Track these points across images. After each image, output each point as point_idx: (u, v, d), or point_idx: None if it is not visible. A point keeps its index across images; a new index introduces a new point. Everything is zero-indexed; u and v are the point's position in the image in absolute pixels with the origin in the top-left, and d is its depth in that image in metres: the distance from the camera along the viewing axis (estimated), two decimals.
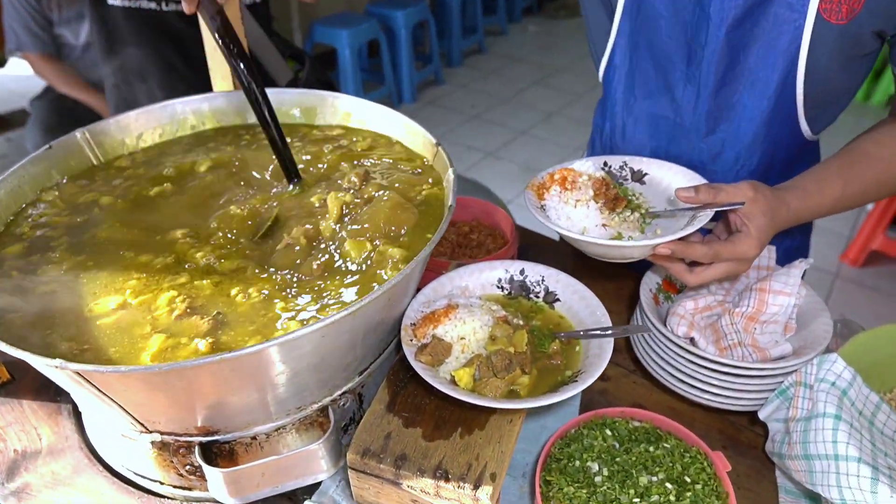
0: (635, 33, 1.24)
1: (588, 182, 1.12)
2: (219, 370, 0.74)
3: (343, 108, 1.29)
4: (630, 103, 1.33)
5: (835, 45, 1.06)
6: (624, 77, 1.32)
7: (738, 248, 1.00)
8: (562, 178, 1.13)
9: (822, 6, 1.03)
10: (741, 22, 1.10)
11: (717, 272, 1.03)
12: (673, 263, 1.06)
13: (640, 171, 1.20)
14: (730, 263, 1.02)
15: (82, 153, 1.18)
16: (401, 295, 0.94)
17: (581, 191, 1.11)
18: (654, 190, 1.17)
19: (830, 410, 0.88)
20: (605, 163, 1.21)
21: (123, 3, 1.72)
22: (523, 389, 0.89)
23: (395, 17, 5.15)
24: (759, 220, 1.00)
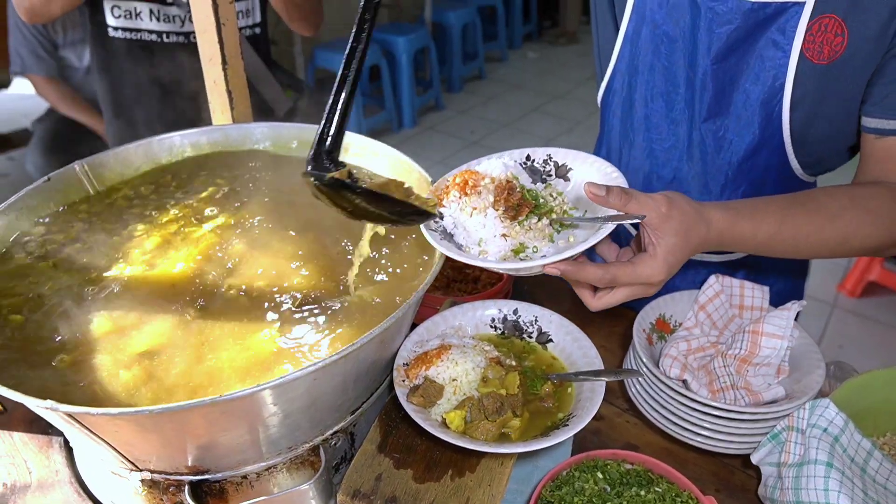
0: (636, 57, 1.26)
1: (489, 186, 0.97)
2: (209, 413, 0.74)
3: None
4: (627, 127, 1.35)
5: (819, 84, 1.08)
6: (622, 101, 1.34)
7: (640, 271, 0.89)
8: (462, 181, 0.98)
9: (805, 46, 1.05)
10: (726, 56, 1.12)
11: (618, 297, 0.92)
12: (577, 284, 0.96)
13: (564, 165, 1.05)
14: (632, 287, 0.92)
15: (80, 185, 1.19)
16: (393, 336, 0.94)
17: (481, 196, 0.96)
18: (578, 189, 1.01)
19: (822, 458, 0.87)
20: (528, 156, 1.07)
21: (125, 35, 1.74)
22: (514, 432, 0.89)
23: (397, 42, 5.21)
24: (668, 241, 0.89)
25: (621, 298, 0.93)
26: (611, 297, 0.93)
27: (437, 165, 4.97)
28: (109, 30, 1.75)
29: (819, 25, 1.03)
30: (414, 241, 1.08)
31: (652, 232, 0.90)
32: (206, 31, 1.26)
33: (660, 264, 0.89)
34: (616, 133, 1.39)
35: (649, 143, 1.32)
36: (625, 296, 0.93)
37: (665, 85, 1.24)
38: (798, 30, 1.05)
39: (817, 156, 1.18)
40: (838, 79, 1.06)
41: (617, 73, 1.33)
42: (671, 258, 0.90)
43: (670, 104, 1.25)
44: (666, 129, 1.28)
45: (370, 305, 0.96)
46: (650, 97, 1.27)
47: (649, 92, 1.27)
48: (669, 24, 1.18)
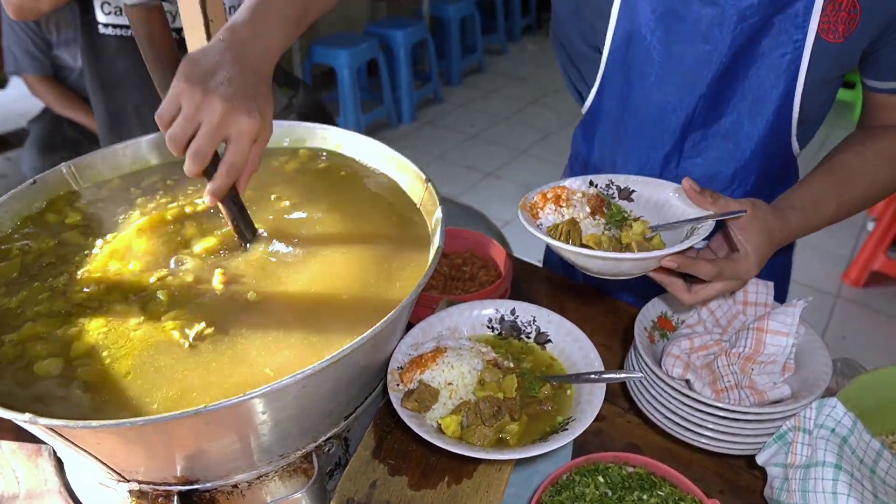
0: (625, 66, 1.21)
1: (583, 199, 1.09)
2: (195, 423, 0.72)
3: (333, 139, 1.28)
4: (620, 135, 1.30)
5: (831, 63, 1.09)
6: (613, 108, 1.29)
7: (739, 267, 0.99)
8: (555, 196, 1.10)
9: (822, 27, 1.05)
10: (743, 48, 1.11)
11: (715, 291, 1.01)
12: (672, 280, 1.03)
13: (626, 188, 1.16)
14: (728, 282, 1.00)
15: (67, 187, 1.16)
16: (386, 339, 0.91)
17: (576, 208, 1.07)
18: (643, 207, 1.13)
19: (830, 459, 0.85)
20: (591, 181, 1.15)
21: (116, 32, 1.71)
22: (512, 437, 0.87)
23: (395, 36, 5.17)
24: (756, 240, 0.99)
25: (716, 292, 1.01)
26: (707, 290, 1.01)
27: (437, 160, 4.94)
28: (99, 27, 1.72)
29: (834, 5, 1.04)
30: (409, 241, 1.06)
31: (741, 232, 0.99)
32: (194, 27, 1.23)
33: (753, 261, 0.99)
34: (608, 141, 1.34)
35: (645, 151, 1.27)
36: (720, 290, 1.01)
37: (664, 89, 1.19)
38: (814, 11, 1.05)
39: (806, 124, 1.20)
40: (849, 53, 1.08)
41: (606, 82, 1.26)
42: (760, 254, 1.00)
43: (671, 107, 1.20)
44: (662, 135, 1.24)
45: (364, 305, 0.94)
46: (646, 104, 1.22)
47: (644, 99, 1.22)
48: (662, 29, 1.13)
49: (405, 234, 1.06)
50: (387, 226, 1.08)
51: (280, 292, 0.95)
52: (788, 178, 1.31)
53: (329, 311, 0.91)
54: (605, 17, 1.17)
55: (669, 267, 0.96)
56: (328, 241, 1.04)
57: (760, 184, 1.25)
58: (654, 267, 0.99)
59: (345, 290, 0.94)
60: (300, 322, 0.89)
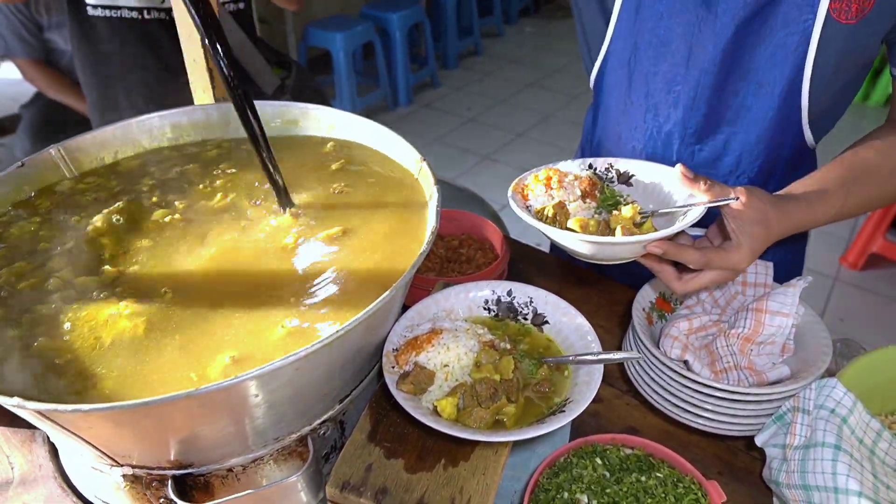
0: (632, 35, 1.21)
1: (575, 182, 1.07)
2: (187, 406, 0.71)
3: (326, 120, 1.25)
4: (624, 108, 1.30)
5: (842, 46, 1.05)
6: (618, 82, 1.28)
7: (730, 257, 0.96)
8: (547, 178, 1.08)
9: (833, 5, 1.01)
10: (749, 21, 1.08)
11: (705, 280, 0.99)
12: (663, 268, 1.02)
13: (626, 172, 1.14)
14: (720, 272, 0.98)
15: (57, 169, 1.14)
16: (381, 321, 0.90)
17: (567, 191, 1.06)
18: (641, 192, 1.12)
19: (830, 440, 0.84)
20: (591, 164, 1.16)
21: (105, 13, 1.68)
22: (509, 419, 0.86)
23: (390, 19, 5.11)
24: (751, 229, 0.96)
25: (707, 282, 0.99)
26: (697, 280, 0.99)
27: (433, 143, 4.91)
28: (88, 8, 1.69)
29: None
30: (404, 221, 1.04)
31: (734, 221, 0.96)
32: (182, 5, 1.21)
33: (746, 252, 0.96)
34: (612, 115, 1.34)
35: (649, 124, 1.27)
36: (710, 280, 0.99)
37: (664, 62, 1.19)
38: None
39: (822, 115, 1.16)
40: (863, 36, 1.03)
41: (610, 55, 1.27)
42: (755, 245, 0.96)
43: (670, 83, 1.20)
44: (666, 110, 1.23)
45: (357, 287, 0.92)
46: (650, 76, 1.22)
47: (648, 71, 1.21)
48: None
49: (400, 215, 1.05)
50: (381, 206, 1.07)
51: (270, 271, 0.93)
52: (803, 171, 1.22)
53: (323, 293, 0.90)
54: None
55: (655, 253, 0.95)
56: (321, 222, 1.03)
57: (768, 172, 1.22)
58: (640, 252, 0.98)
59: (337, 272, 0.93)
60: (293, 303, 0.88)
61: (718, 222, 1.05)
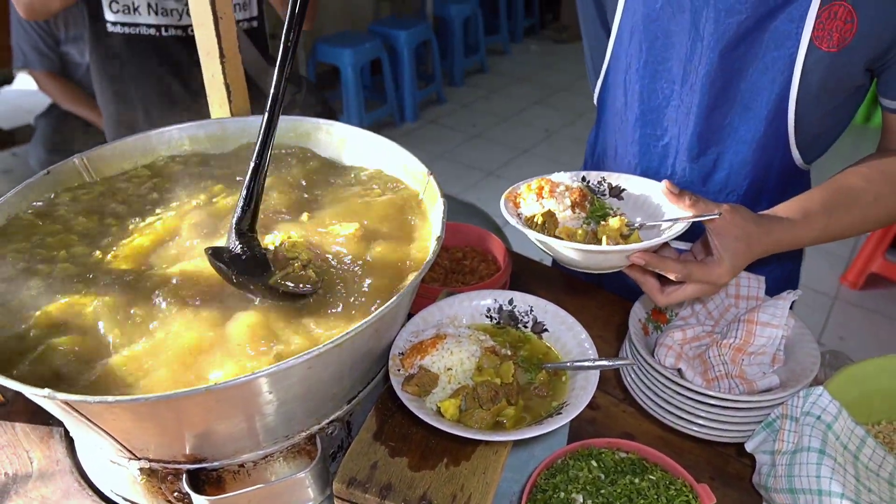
0: (630, 53, 1.26)
1: (565, 192, 1.11)
2: (205, 400, 0.75)
3: (337, 135, 1.31)
4: (621, 123, 1.35)
5: (826, 73, 1.08)
6: (616, 98, 1.33)
7: (711, 271, 1.00)
8: (539, 187, 1.12)
9: (815, 34, 1.05)
10: (735, 45, 1.12)
11: (687, 293, 1.03)
12: (646, 279, 1.06)
13: (618, 186, 1.19)
14: (701, 286, 1.01)
15: (80, 178, 1.19)
16: (388, 326, 0.94)
17: (558, 201, 1.10)
18: (631, 206, 1.16)
19: (815, 445, 0.88)
20: (584, 178, 1.20)
21: (123, 30, 1.74)
22: (509, 421, 0.90)
23: (398, 36, 5.20)
24: (733, 245, 0.99)
25: (688, 295, 1.02)
26: (679, 293, 1.03)
27: (439, 160, 4.97)
28: (108, 25, 1.76)
29: (829, 13, 1.04)
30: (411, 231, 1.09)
31: (717, 237, 1.00)
32: (203, 24, 1.27)
33: (726, 266, 0.99)
34: (611, 131, 1.39)
35: (644, 139, 1.31)
36: (692, 292, 1.02)
37: (660, 80, 1.24)
38: (808, 18, 1.05)
39: (813, 138, 1.19)
40: (846, 65, 1.07)
41: (611, 71, 1.33)
42: (736, 262, 0.99)
43: (666, 99, 1.25)
44: (662, 126, 1.28)
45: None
46: (645, 93, 1.27)
47: (644, 88, 1.26)
48: (665, 17, 1.17)
49: (407, 226, 1.09)
50: (389, 218, 1.11)
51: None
52: (794, 190, 1.24)
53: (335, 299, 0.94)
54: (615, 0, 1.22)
55: (637, 263, 0.99)
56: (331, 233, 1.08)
57: (757, 190, 1.26)
58: (625, 263, 1.02)
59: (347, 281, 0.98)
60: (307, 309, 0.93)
61: (703, 238, 1.08)
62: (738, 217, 1.00)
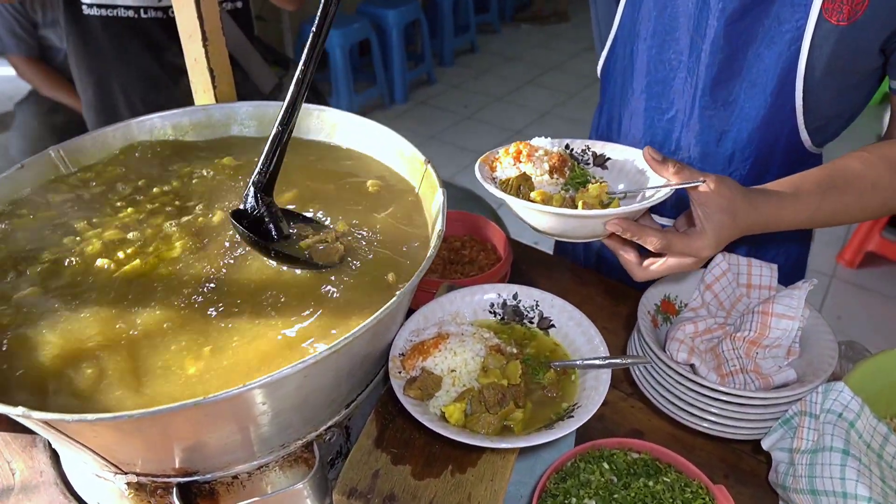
0: (638, 22, 1.21)
1: (544, 157, 1.05)
2: (194, 415, 0.70)
3: (329, 120, 1.24)
4: (627, 96, 1.31)
5: (835, 47, 1.04)
6: (623, 69, 1.29)
7: (693, 243, 0.94)
8: (517, 151, 1.06)
9: (825, 5, 1.01)
10: (741, 16, 1.08)
11: (667, 266, 0.97)
12: (625, 249, 1.00)
13: (602, 154, 1.12)
14: (681, 258, 0.96)
15: (56, 171, 1.13)
16: (387, 327, 0.89)
17: (535, 165, 1.04)
18: (615, 175, 1.10)
19: (838, 445, 0.84)
20: (567, 145, 1.13)
21: (100, 12, 1.66)
22: (517, 425, 0.85)
23: (387, 16, 5.09)
24: (717, 217, 0.93)
25: (668, 269, 0.97)
26: (658, 266, 0.97)
27: (430, 140, 4.90)
28: (84, 7, 1.67)
29: None
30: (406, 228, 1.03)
31: (700, 207, 0.94)
32: (184, 6, 1.20)
33: (709, 238, 0.94)
34: (616, 103, 1.35)
35: (650, 112, 1.27)
36: (672, 266, 0.97)
37: (668, 50, 1.19)
38: None
39: (823, 119, 1.15)
40: (856, 40, 1.02)
41: (618, 41, 1.28)
42: (721, 234, 0.94)
43: (673, 71, 1.20)
44: (668, 98, 1.23)
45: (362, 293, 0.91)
46: (652, 64, 1.22)
47: (651, 59, 1.22)
48: None
49: (404, 218, 1.04)
50: (385, 210, 1.06)
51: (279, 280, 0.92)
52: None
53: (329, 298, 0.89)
54: None
55: (614, 231, 0.93)
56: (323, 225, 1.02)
57: (760, 171, 1.22)
58: (601, 230, 0.96)
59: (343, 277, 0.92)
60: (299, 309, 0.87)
61: (687, 212, 1.03)
62: (724, 188, 0.94)
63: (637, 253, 1.00)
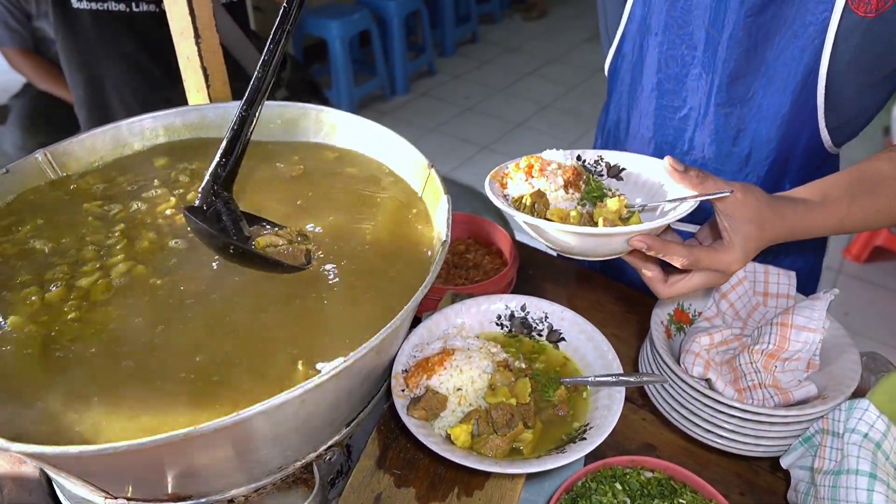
0: (649, 17, 1.17)
1: (557, 171, 0.99)
2: (184, 445, 0.66)
3: (328, 121, 1.20)
4: (636, 94, 1.26)
5: (861, 41, 0.99)
6: (632, 66, 1.24)
7: (721, 257, 0.89)
8: (528, 166, 1.00)
9: None
10: (762, 9, 1.03)
11: (693, 283, 0.92)
12: (648, 267, 0.94)
13: (616, 165, 1.06)
14: (708, 274, 0.91)
15: (43, 175, 1.08)
16: (390, 343, 0.85)
17: (549, 180, 0.98)
18: (632, 187, 1.04)
19: (864, 468, 0.80)
20: (579, 156, 1.07)
21: (90, 6, 1.61)
22: (526, 447, 0.81)
23: (387, 6, 5.02)
24: (745, 229, 0.88)
25: (694, 286, 0.92)
26: (685, 283, 0.92)
27: (431, 133, 4.84)
28: (73, 1, 1.62)
29: None
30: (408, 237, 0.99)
31: (727, 219, 0.89)
32: (175, 2, 1.15)
33: (738, 251, 0.88)
34: (624, 102, 1.29)
35: (661, 111, 1.22)
36: (699, 282, 0.92)
37: (682, 45, 1.14)
38: None
39: (844, 118, 1.10)
40: (883, 33, 0.97)
41: (627, 37, 1.23)
42: (748, 245, 0.89)
43: (686, 67, 1.15)
44: (680, 96, 1.18)
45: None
46: (663, 60, 1.17)
47: (662, 55, 1.17)
48: None
49: (407, 227, 1.00)
50: (386, 217, 1.01)
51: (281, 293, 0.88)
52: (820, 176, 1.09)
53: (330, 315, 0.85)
54: None
55: (638, 247, 0.87)
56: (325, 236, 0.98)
57: (779, 173, 1.18)
58: (623, 247, 0.90)
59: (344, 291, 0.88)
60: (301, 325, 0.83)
61: (710, 222, 0.98)
62: (750, 197, 0.88)
63: (661, 269, 0.94)
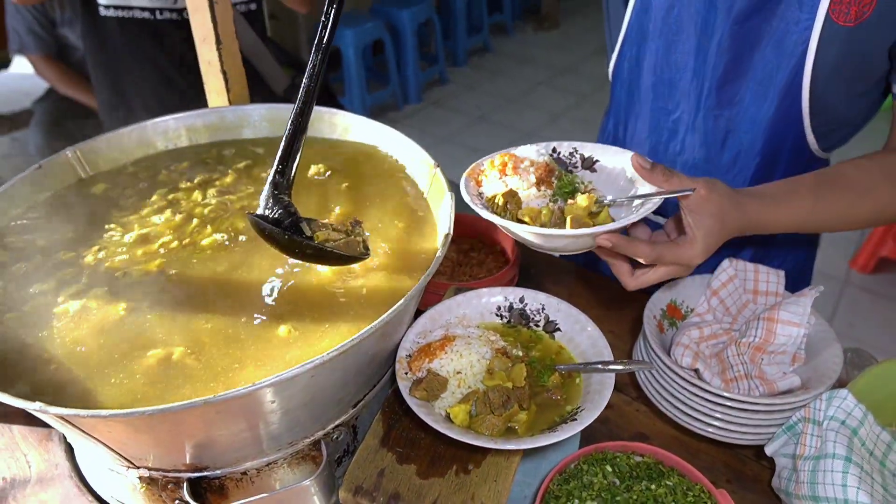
0: (646, 23, 1.22)
1: (530, 168, 1.02)
2: (204, 413, 0.72)
3: (341, 123, 1.26)
4: (634, 98, 1.31)
5: (842, 49, 1.04)
6: (630, 70, 1.30)
7: (683, 252, 0.94)
8: (502, 163, 1.03)
9: (832, 6, 1.01)
10: (748, 17, 1.08)
11: (658, 276, 0.97)
12: (616, 261, 0.99)
13: (590, 157, 1.08)
14: (671, 267, 0.96)
15: (73, 171, 1.15)
16: (394, 328, 0.91)
17: (522, 177, 1.01)
18: (605, 179, 1.06)
19: (840, 452, 0.84)
20: (554, 149, 1.09)
21: (117, 13, 1.69)
22: (521, 426, 0.87)
23: (401, 16, 5.10)
24: (707, 223, 0.92)
25: (659, 278, 0.97)
26: (650, 275, 0.97)
27: (442, 143, 4.91)
28: (100, 8, 1.70)
29: None
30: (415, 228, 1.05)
31: (690, 214, 0.93)
32: (198, 9, 1.22)
33: (699, 246, 0.93)
34: (622, 104, 1.35)
35: (656, 113, 1.28)
36: (663, 275, 0.96)
37: (675, 51, 1.20)
38: None
39: (832, 124, 1.14)
40: (863, 41, 1.02)
41: (627, 42, 1.29)
42: (709, 240, 0.93)
43: (679, 72, 1.21)
44: (674, 99, 1.24)
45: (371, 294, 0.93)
46: (659, 65, 1.23)
47: (658, 59, 1.23)
48: None
49: (413, 221, 1.06)
50: (394, 212, 1.07)
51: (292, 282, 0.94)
52: None
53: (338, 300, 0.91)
54: None
55: (604, 246, 0.92)
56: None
57: (766, 174, 1.22)
58: (593, 244, 0.94)
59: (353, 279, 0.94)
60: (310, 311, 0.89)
61: (676, 216, 1.02)
62: (714, 193, 0.93)
63: (628, 262, 0.99)
